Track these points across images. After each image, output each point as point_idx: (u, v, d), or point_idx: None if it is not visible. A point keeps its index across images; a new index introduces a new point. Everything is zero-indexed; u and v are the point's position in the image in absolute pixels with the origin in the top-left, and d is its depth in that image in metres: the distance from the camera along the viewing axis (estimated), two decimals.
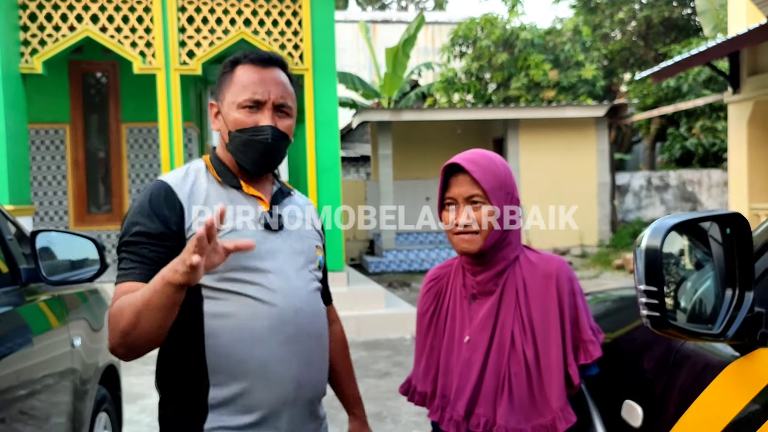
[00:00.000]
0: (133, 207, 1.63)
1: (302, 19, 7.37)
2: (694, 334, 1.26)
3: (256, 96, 1.64)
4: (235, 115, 1.65)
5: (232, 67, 1.70)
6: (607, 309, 2.40)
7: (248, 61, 1.68)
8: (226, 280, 1.59)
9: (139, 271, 1.55)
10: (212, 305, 1.58)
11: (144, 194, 1.64)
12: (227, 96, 1.67)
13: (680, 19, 18.05)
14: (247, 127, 1.64)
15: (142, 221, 1.57)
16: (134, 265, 1.55)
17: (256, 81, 1.65)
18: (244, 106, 1.64)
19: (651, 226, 1.21)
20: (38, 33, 6.83)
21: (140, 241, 1.56)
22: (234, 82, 1.67)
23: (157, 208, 1.59)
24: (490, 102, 15.93)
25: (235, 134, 1.65)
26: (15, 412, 2.23)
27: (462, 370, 1.78)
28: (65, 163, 9.11)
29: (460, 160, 1.72)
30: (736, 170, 9.75)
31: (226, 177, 1.69)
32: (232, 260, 1.52)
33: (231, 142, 1.67)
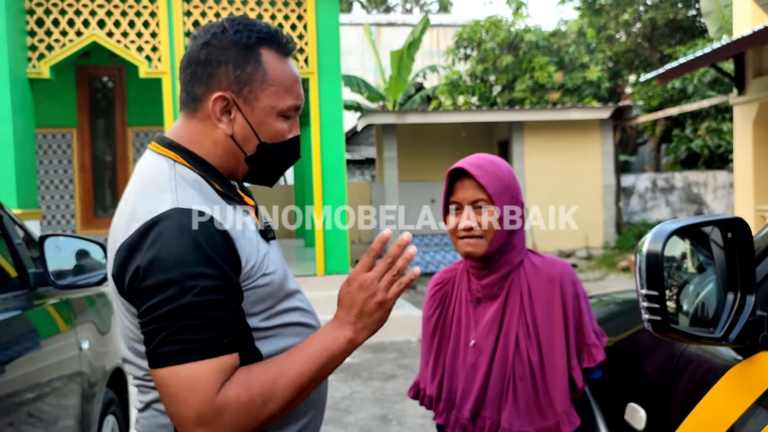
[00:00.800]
0: (174, 253, 1.15)
1: (307, 22, 7.40)
2: (696, 337, 1.27)
3: (299, 101, 1.33)
4: (276, 125, 1.31)
5: (256, 49, 1.30)
6: (611, 312, 2.41)
7: (276, 48, 1.32)
8: (277, 315, 1.32)
9: (226, 339, 1.18)
10: (268, 345, 1.30)
11: (180, 233, 1.17)
12: (262, 96, 1.29)
13: (685, 21, 18.01)
14: (285, 140, 1.33)
15: (207, 272, 1.15)
16: (218, 333, 1.16)
17: (295, 80, 1.33)
18: (286, 115, 1.32)
19: (652, 231, 1.23)
20: (45, 38, 6.88)
21: (215, 299, 1.16)
22: (270, 78, 1.29)
23: (216, 251, 1.18)
24: (495, 104, 15.93)
25: (268, 147, 1.32)
26: (24, 414, 2.26)
27: (467, 373, 1.79)
28: (72, 167, 9.16)
29: (465, 165, 1.74)
30: (742, 171, 9.73)
31: (232, 192, 1.34)
32: (280, 288, 1.32)
33: (258, 154, 1.32)
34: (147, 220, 1.18)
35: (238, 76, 1.28)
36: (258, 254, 1.27)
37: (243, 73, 1.28)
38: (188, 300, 1.13)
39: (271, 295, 1.29)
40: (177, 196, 1.22)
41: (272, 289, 1.29)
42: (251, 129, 1.30)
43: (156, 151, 1.32)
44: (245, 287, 1.24)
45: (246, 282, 1.24)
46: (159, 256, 1.14)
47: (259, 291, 1.27)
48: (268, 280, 1.28)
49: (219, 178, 1.32)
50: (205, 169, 1.30)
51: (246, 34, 1.28)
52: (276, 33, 1.32)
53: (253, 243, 1.28)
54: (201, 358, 1.14)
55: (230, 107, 1.29)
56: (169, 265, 1.14)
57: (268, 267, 1.28)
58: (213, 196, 1.28)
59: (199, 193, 1.25)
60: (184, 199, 1.21)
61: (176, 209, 1.19)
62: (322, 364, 1.22)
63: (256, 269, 1.26)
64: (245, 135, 1.30)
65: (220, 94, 1.28)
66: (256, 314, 1.27)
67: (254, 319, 1.27)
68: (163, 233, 1.16)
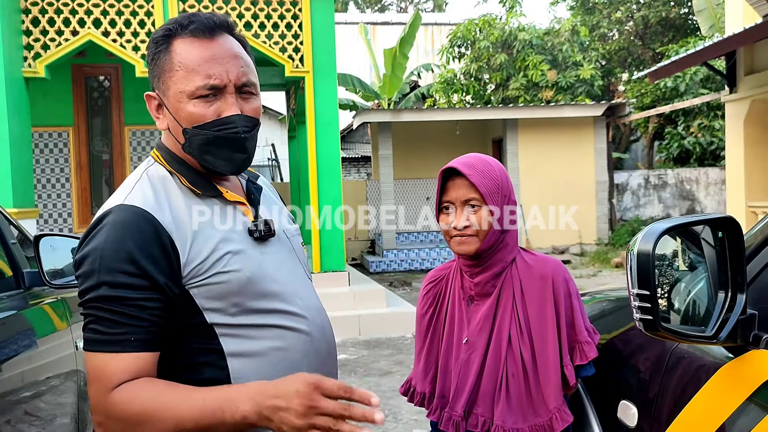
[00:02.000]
0: (100, 247, 1.20)
1: (302, 21, 7.39)
2: (687, 336, 1.28)
3: (212, 80, 1.28)
4: (188, 108, 1.29)
5: (167, 42, 1.31)
6: (604, 310, 2.43)
7: (189, 33, 1.30)
8: (245, 313, 1.29)
9: (135, 336, 1.19)
10: (234, 344, 1.27)
11: (113, 229, 1.21)
12: (171, 84, 1.30)
13: (678, 19, 18.06)
14: (207, 122, 1.29)
15: (124, 268, 1.18)
16: (126, 330, 1.18)
17: (207, 59, 1.29)
18: (199, 96, 1.28)
19: (643, 231, 1.24)
20: (41, 37, 6.86)
21: (127, 296, 1.18)
22: (176, 64, 1.29)
23: (141, 248, 1.20)
24: (489, 102, 15.95)
25: (193, 132, 1.30)
26: (21, 412, 2.26)
27: (460, 370, 1.81)
28: (69, 166, 9.15)
29: (457, 165, 1.75)
30: (734, 168, 9.78)
31: (202, 186, 1.34)
32: (244, 287, 1.28)
33: (189, 143, 1.31)
34: (97, 216, 1.27)
35: (152, 71, 1.34)
36: (214, 252, 1.27)
37: (156, 66, 1.33)
38: (102, 293, 1.18)
39: (232, 293, 1.27)
40: (129, 194, 1.27)
41: (231, 287, 1.27)
42: (173, 118, 1.31)
43: (151, 154, 1.40)
44: (195, 284, 1.25)
45: (195, 279, 1.25)
46: (89, 249, 1.22)
47: (213, 288, 1.26)
48: (224, 278, 1.26)
49: (190, 173, 1.34)
50: (177, 164, 1.35)
51: (160, 31, 1.33)
52: (185, 19, 1.32)
53: (210, 240, 1.27)
54: (106, 351, 1.18)
55: (161, 103, 1.34)
56: (94, 257, 1.20)
57: (229, 265, 1.27)
58: (175, 192, 1.31)
59: (157, 190, 1.29)
60: (132, 197, 1.26)
61: (119, 206, 1.25)
62: (209, 422, 1.14)
63: (208, 267, 1.26)
64: (173, 126, 1.33)
65: (148, 93, 1.36)
66: (215, 310, 1.26)
67: (213, 315, 1.26)
68: (101, 228, 1.23)
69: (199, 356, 1.26)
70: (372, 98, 16.96)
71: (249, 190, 1.45)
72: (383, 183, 13.17)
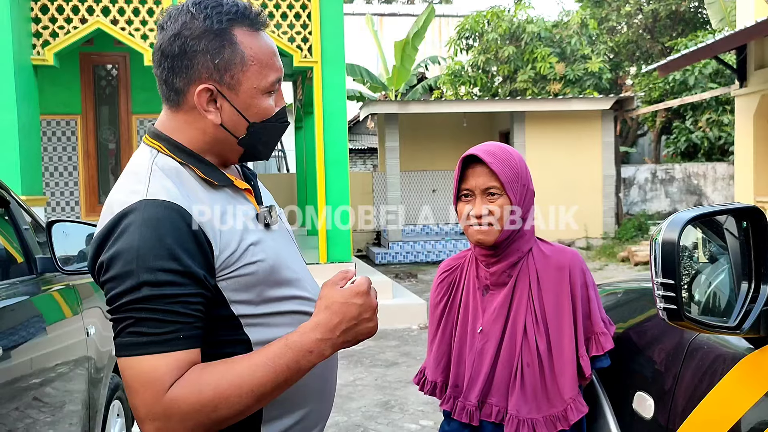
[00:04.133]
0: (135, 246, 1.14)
1: (311, 12, 7.37)
2: (710, 326, 1.27)
3: (280, 74, 1.31)
4: (262, 104, 1.29)
5: (229, 31, 1.26)
6: (616, 301, 2.42)
7: (248, 24, 1.28)
8: (267, 302, 1.28)
9: (184, 333, 1.14)
10: (258, 333, 1.27)
11: (146, 226, 1.16)
12: (243, 79, 1.26)
13: (687, 12, 17.95)
14: (273, 114, 1.31)
15: (166, 266, 1.14)
16: (174, 328, 1.13)
17: (274, 53, 1.30)
18: (269, 91, 1.29)
19: (668, 219, 1.23)
20: (50, 25, 6.85)
21: (172, 293, 1.14)
22: (248, 58, 1.26)
23: (179, 243, 1.16)
24: (497, 95, 15.90)
25: (260, 126, 1.30)
26: (32, 399, 2.27)
27: (474, 360, 1.80)
28: (76, 154, 9.16)
29: (479, 152, 1.73)
30: (743, 163, 9.74)
31: (217, 177, 1.31)
32: (268, 276, 1.28)
33: (251, 136, 1.30)
34: (117, 213, 1.18)
35: (217, 64, 1.24)
36: (241, 243, 1.25)
37: (221, 60, 1.24)
38: (144, 293, 1.12)
39: (258, 283, 1.26)
40: (148, 187, 1.21)
41: (258, 277, 1.26)
42: (239, 114, 1.28)
43: (146, 143, 1.32)
44: (224, 276, 1.22)
45: (224, 271, 1.22)
46: (120, 249, 1.14)
47: (241, 280, 1.24)
48: (252, 269, 1.25)
49: (202, 164, 1.30)
50: (186, 156, 1.29)
51: (216, 18, 1.24)
52: (245, 9, 1.28)
53: (235, 231, 1.26)
54: (155, 352, 1.12)
55: (215, 96, 1.26)
56: (128, 258, 1.13)
57: (254, 255, 1.25)
58: (192, 184, 1.26)
59: (175, 182, 1.24)
60: (154, 191, 1.20)
61: (144, 201, 1.18)
62: (287, 377, 1.16)
63: (237, 258, 1.23)
64: (234, 121, 1.28)
65: (204, 86, 1.25)
66: (242, 302, 1.25)
67: (240, 306, 1.25)
68: (129, 226, 1.16)
69: (227, 348, 1.23)
70: (379, 89, 16.93)
71: (245, 176, 1.44)
72: (389, 175, 13.17)
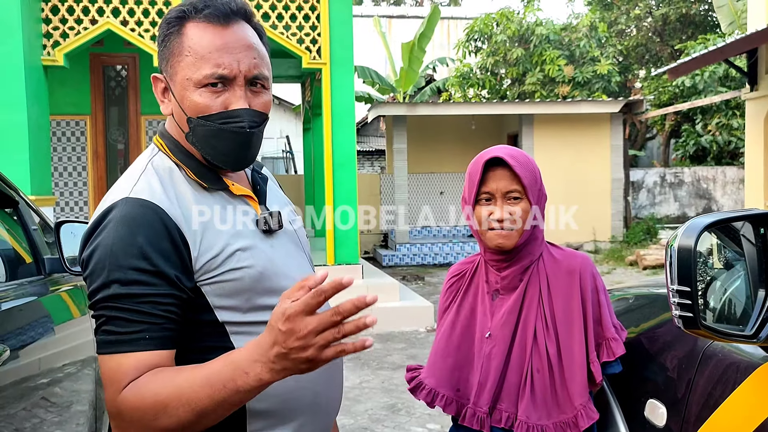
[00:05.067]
0: (109, 243, 1.13)
1: (320, 13, 7.37)
2: (726, 334, 1.25)
3: (221, 70, 1.22)
4: (194, 97, 1.22)
5: (179, 24, 1.24)
6: (627, 306, 2.40)
7: (203, 18, 1.23)
8: (255, 310, 1.24)
9: (150, 334, 1.13)
10: (244, 341, 1.18)
11: (121, 223, 1.15)
12: (178, 69, 1.23)
13: (697, 15, 17.88)
14: (213, 113, 1.23)
15: (135, 264, 1.13)
16: (141, 328, 1.12)
17: (218, 47, 1.22)
18: (206, 84, 1.22)
19: (684, 226, 1.21)
20: (60, 26, 6.88)
21: (140, 293, 1.12)
22: (185, 49, 1.23)
23: (151, 242, 1.14)
24: (505, 97, 15.88)
25: (198, 122, 1.23)
26: (40, 398, 2.27)
27: (483, 364, 1.78)
28: (86, 154, 9.20)
29: (503, 155, 1.70)
30: (753, 167, 9.68)
31: (209, 179, 1.28)
32: (256, 283, 1.24)
33: (193, 133, 1.25)
34: (102, 210, 1.19)
35: (162, 53, 1.27)
36: (226, 247, 1.22)
37: (165, 48, 1.26)
38: (114, 291, 1.12)
39: (245, 290, 1.22)
40: (135, 185, 1.21)
41: (245, 284, 1.22)
42: (179, 105, 1.25)
43: (153, 142, 1.33)
44: (207, 280, 1.20)
45: (207, 275, 1.20)
46: (97, 245, 1.15)
47: (226, 285, 1.21)
48: (237, 275, 1.21)
49: (196, 164, 1.28)
50: (183, 156, 1.28)
51: (173, 12, 1.26)
52: (203, 2, 1.24)
53: (220, 235, 1.23)
54: (119, 351, 1.11)
55: (166, 86, 1.27)
56: (102, 255, 1.13)
57: (240, 261, 1.22)
58: (182, 185, 1.25)
59: (164, 182, 1.23)
60: (138, 189, 1.20)
61: (125, 199, 1.18)
62: (224, 396, 1.07)
63: (220, 263, 1.21)
64: (177, 113, 1.26)
65: (155, 74, 1.28)
66: (227, 308, 1.21)
67: (225, 312, 1.21)
68: (108, 223, 1.16)
69: (211, 354, 1.18)
70: (387, 91, 16.94)
71: (255, 181, 1.39)
72: (397, 177, 13.16)
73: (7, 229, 2.69)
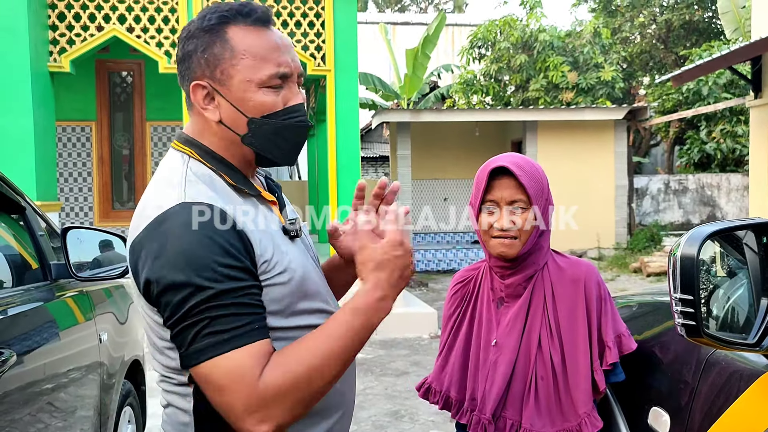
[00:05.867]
0: (184, 249, 1.13)
1: (325, 20, 7.40)
2: (729, 343, 1.26)
3: (283, 68, 1.26)
4: (257, 97, 1.25)
5: (220, 28, 1.27)
6: (631, 314, 2.40)
7: (248, 21, 1.27)
8: (294, 315, 1.27)
9: (258, 323, 1.15)
10: (279, 347, 1.21)
11: (188, 228, 1.15)
12: (234, 72, 1.25)
13: (701, 22, 17.90)
14: (278, 110, 1.27)
15: (222, 261, 1.13)
16: (249, 320, 1.14)
17: (275, 48, 1.27)
18: (270, 85, 1.26)
19: (687, 234, 1.22)
20: (67, 32, 6.92)
21: (236, 287, 1.14)
22: (240, 52, 1.25)
23: (228, 240, 1.16)
24: (509, 104, 15.90)
25: (262, 122, 1.27)
26: (45, 403, 2.28)
27: (488, 372, 1.79)
28: (91, 160, 9.23)
29: (508, 164, 1.71)
30: (757, 174, 9.66)
31: (245, 185, 1.31)
32: (298, 288, 1.27)
33: (254, 134, 1.27)
34: (153, 218, 1.18)
35: (207, 60, 1.26)
36: (275, 251, 1.24)
37: (210, 54, 1.26)
38: (209, 292, 1.11)
39: (288, 294, 1.25)
40: (184, 191, 1.20)
41: (290, 288, 1.25)
42: (236, 109, 1.26)
43: (175, 148, 1.33)
44: (262, 283, 1.21)
45: (262, 277, 1.20)
46: (169, 257, 1.13)
47: (276, 289, 1.22)
48: (287, 278, 1.24)
49: (231, 171, 1.30)
50: (217, 162, 1.29)
51: (208, 17, 1.27)
52: (242, 7, 1.28)
53: (270, 239, 1.25)
54: (238, 346, 1.11)
55: (211, 93, 1.27)
56: (179, 262, 1.12)
57: (289, 264, 1.25)
58: (225, 191, 1.26)
59: (210, 188, 1.23)
60: (191, 194, 1.20)
61: (182, 204, 1.17)
62: (363, 336, 1.21)
63: (274, 265, 1.22)
64: (232, 116, 1.27)
65: (196, 82, 1.27)
66: (273, 313, 1.22)
67: (271, 318, 1.21)
68: (170, 231, 1.15)
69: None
70: (391, 98, 16.97)
71: (270, 188, 1.42)
72: (401, 183, 13.17)
73: (15, 235, 2.71)
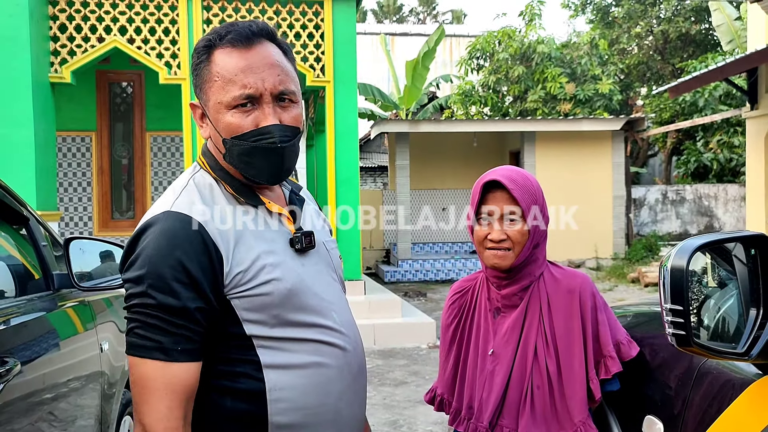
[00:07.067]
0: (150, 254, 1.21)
1: (324, 32, 7.46)
2: (719, 352, 1.29)
3: (247, 90, 1.28)
4: (226, 119, 1.29)
5: (207, 53, 1.32)
6: (626, 324, 2.42)
7: (227, 43, 1.30)
8: (283, 325, 1.29)
9: (182, 346, 1.21)
10: (271, 355, 1.27)
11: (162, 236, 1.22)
12: (210, 95, 1.31)
13: (698, 34, 18.00)
14: (245, 132, 1.29)
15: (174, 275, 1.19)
16: (174, 339, 1.20)
17: (242, 69, 1.28)
18: (236, 106, 1.29)
19: (677, 246, 1.25)
20: (68, 43, 6.97)
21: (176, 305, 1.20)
22: (214, 74, 1.30)
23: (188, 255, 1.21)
24: (507, 114, 15.96)
25: (232, 142, 1.30)
26: (46, 413, 2.29)
27: (486, 381, 1.81)
28: (91, 170, 9.25)
29: (500, 177, 1.75)
30: (754, 185, 9.71)
31: (246, 196, 1.35)
32: (285, 300, 1.28)
33: (229, 153, 1.31)
34: (143, 222, 1.27)
35: (195, 81, 1.35)
36: (256, 262, 1.27)
37: (197, 77, 1.34)
38: (150, 300, 1.19)
39: (273, 305, 1.27)
40: (176, 200, 1.28)
41: (273, 299, 1.27)
42: (214, 128, 1.33)
43: (197, 160, 1.42)
44: (237, 294, 1.25)
45: (237, 289, 1.25)
46: (139, 255, 1.22)
47: (255, 299, 1.26)
48: (267, 290, 1.26)
49: (233, 180, 1.35)
50: (222, 172, 1.35)
51: (201, 42, 1.35)
52: (226, 28, 1.32)
53: (252, 249, 1.27)
54: (156, 358, 1.18)
55: (202, 112, 1.36)
56: (142, 264, 1.20)
57: (269, 275, 1.27)
58: (224, 199, 1.33)
59: (205, 197, 1.30)
60: (180, 204, 1.27)
61: (166, 212, 1.25)
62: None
63: (250, 277, 1.25)
64: (214, 136, 1.34)
65: (192, 102, 1.38)
66: (255, 322, 1.26)
67: (252, 326, 1.26)
68: (150, 235, 1.23)
69: (237, 366, 1.27)
70: (390, 108, 17.03)
71: (291, 201, 1.45)
72: (400, 193, 13.21)
73: (18, 246, 2.74)
